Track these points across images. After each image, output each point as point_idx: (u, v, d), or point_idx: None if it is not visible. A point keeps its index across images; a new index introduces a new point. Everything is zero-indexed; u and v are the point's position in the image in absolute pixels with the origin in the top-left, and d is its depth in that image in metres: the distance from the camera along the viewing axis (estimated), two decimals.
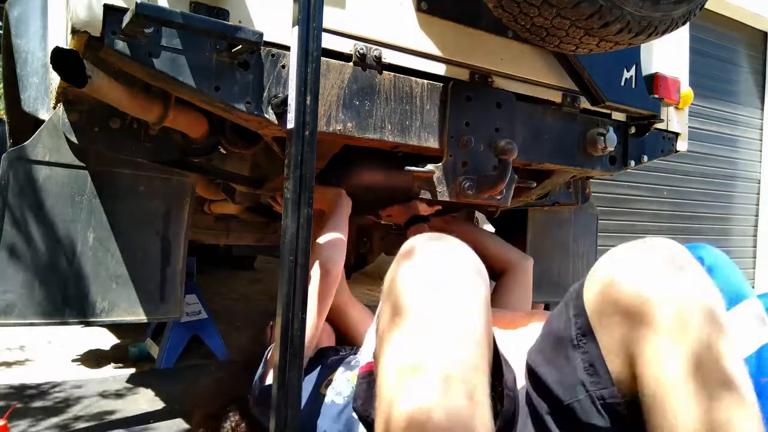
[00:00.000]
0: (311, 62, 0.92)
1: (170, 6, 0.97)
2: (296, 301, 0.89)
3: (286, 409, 0.88)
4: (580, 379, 0.71)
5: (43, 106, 1.34)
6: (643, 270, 0.67)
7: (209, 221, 2.29)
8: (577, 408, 0.70)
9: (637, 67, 1.52)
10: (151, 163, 1.29)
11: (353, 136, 1.19)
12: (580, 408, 0.70)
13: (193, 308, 2.31)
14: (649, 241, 0.71)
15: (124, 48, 0.95)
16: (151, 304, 1.28)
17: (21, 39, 1.41)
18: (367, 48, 1.20)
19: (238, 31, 0.96)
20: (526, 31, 1.20)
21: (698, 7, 1.16)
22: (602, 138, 1.50)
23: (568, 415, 0.72)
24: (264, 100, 1.08)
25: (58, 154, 1.19)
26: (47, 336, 2.54)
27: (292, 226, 0.90)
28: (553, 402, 0.75)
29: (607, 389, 0.68)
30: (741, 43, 5.55)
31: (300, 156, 0.91)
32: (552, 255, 1.94)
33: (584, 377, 0.70)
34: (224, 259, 5.08)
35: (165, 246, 1.31)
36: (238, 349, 2.34)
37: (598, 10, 1.05)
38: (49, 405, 1.73)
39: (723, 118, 5.46)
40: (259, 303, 3.80)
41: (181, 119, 1.21)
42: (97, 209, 1.23)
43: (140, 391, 1.90)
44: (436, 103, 1.29)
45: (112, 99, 1.09)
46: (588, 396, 0.70)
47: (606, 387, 0.68)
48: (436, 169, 1.29)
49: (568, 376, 0.72)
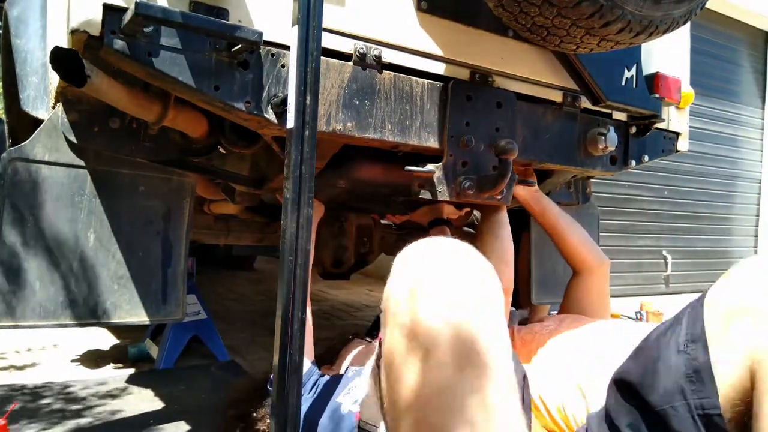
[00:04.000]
0: (311, 62, 0.92)
1: (170, 5, 0.97)
2: (296, 301, 0.89)
3: (286, 410, 0.88)
4: (679, 386, 0.67)
5: (43, 106, 1.34)
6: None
7: (209, 221, 2.29)
8: (671, 415, 0.67)
9: (637, 66, 1.52)
10: (151, 162, 1.29)
11: (353, 136, 1.19)
12: (675, 415, 0.66)
13: (192, 308, 2.30)
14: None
15: (124, 47, 0.94)
16: (152, 305, 1.28)
17: (20, 38, 1.41)
18: (367, 47, 1.20)
19: (238, 31, 0.96)
20: (527, 31, 1.20)
21: (699, 6, 1.16)
22: (603, 138, 1.50)
23: (656, 422, 0.68)
24: (264, 99, 1.08)
25: (58, 154, 1.19)
26: (54, 339, 2.54)
27: (292, 226, 0.89)
28: (642, 409, 0.71)
29: (709, 399, 0.64)
30: (742, 42, 5.55)
31: (300, 156, 0.91)
32: (554, 255, 1.93)
33: (685, 384, 0.67)
34: (224, 259, 5.09)
35: (166, 246, 1.31)
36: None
37: (599, 10, 1.05)
38: (49, 405, 1.73)
39: (724, 117, 5.46)
40: (259, 303, 3.80)
41: (180, 119, 1.21)
42: (97, 209, 1.23)
43: (140, 392, 1.89)
44: (436, 103, 1.29)
45: (112, 98, 1.09)
46: (686, 403, 0.66)
47: (708, 397, 0.65)
48: (436, 168, 1.28)
49: (666, 380, 0.69)
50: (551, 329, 1.40)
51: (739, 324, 0.65)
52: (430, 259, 0.65)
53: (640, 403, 0.72)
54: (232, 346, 2.51)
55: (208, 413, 1.71)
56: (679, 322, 0.73)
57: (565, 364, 1.26)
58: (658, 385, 0.70)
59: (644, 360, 0.75)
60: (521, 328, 1.50)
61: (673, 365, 0.69)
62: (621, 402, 0.75)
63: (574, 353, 1.26)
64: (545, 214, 1.64)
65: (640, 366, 0.75)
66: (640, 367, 0.74)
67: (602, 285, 1.62)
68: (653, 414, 0.69)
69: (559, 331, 1.37)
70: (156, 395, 1.86)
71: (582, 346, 1.27)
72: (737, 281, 0.68)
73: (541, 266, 1.95)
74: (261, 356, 2.44)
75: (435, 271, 0.63)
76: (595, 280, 1.61)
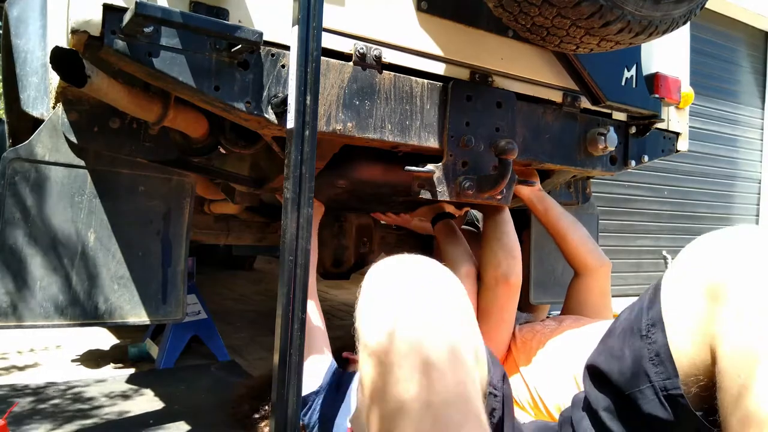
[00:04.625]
0: (311, 62, 0.92)
1: (170, 5, 0.97)
2: (296, 301, 0.89)
3: (286, 410, 0.88)
4: (644, 369, 0.69)
5: (43, 106, 1.34)
6: (728, 250, 0.64)
7: (209, 221, 2.29)
8: (639, 398, 0.69)
9: (637, 66, 1.52)
10: (151, 163, 1.29)
11: (353, 136, 1.19)
12: (642, 398, 0.69)
13: (192, 308, 2.30)
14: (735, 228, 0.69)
15: (124, 47, 0.94)
16: (152, 305, 1.28)
17: (20, 38, 1.41)
18: (367, 47, 1.20)
19: (238, 31, 0.96)
20: (527, 31, 1.20)
21: (699, 6, 1.16)
22: (603, 138, 1.50)
23: (628, 406, 0.71)
24: (264, 99, 1.08)
25: (58, 154, 1.19)
26: (56, 339, 2.54)
27: (292, 226, 0.90)
28: (613, 394, 0.74)
29: (671, 380, 0.67)
30: (742, 42, 5.55)
31: (300, 156, 0.91)
32: (554, 255, 1.94)
33: (649, 367, 0.69)
34: (224, 259, 5.09)
35: (166, 246, 1.31)
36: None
37: (598, 10, 1.05)
38: (49, 405, 1.73)
39: (724, 117, 5.46)
40: (259, 303, 3.80)
41: (180, 119, 1.21)
42: (97, 209, 1.23)
43: (140, 392, 1.89)
44: (436, 103, 1.29)
45: (112, 99, 1.09)
46: (651, 386, 0.68)
47: (670, 377, 0.67)
48: (436, 168, 1.28)
49: (633, 365, 0.71)
50: (552, 328, 1.40)
51: (694, 304, 0.66)
52: (375, 278, 0.70)
53: (612, 388, 0.74)
54: (232, 346, 2.51)
55: (208, 413, 1.71)
56: (641, 306, 0.75)
57: (564, 362, 1.26)
58: (625, 371, 0.72)
59: (611, 346, 0.77)
60: (522, 327, 1.50)
61: (636, 350, 0.72)
62: (595, 388, 0.78)
63: (573, 352, 1.26)
64: (548, 214, 1.64)
65: (608, 352, 0.77)
66: (608, 354, 0.77)
67: (604, 286, 1.62)
68: (624, 398, 0.72)
69: (559, 331, 1.37)
70: (156, 395, 1.86)
71: (581, 345, 1.28)
72: (687, 262, 0.69)
73: (540, 266, 1.95)
74: (261, 356, 2.44)
75: (378, 288, 0.68)
76: (597, 281, 1.61)
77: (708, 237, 0.69)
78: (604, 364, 0.76)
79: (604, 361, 0.76)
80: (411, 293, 0.65)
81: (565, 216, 1.65)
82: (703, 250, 0.68)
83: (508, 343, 1.47)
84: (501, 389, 0.78)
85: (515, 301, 1.46)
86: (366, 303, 0.68)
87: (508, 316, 1.45)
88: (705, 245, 0.68)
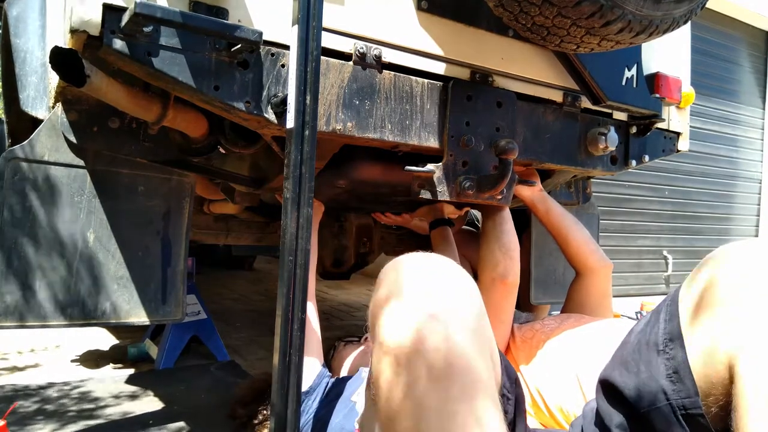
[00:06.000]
0: (311, 61, 0.91)
1: (170, 5, 0.97)
2: (296, 301, 0.89)
3: (286, 410, 0.87)
4: (661, 387, 0.66)
5: (42, 106, 1.34)
6: (752, 264, 0.62)
7: (209, 221, 2.29)
8: (655, 417, 0.66)
9: (638, 66, 1.52)
10: (151, 162, 1.29)
11: (353, 136, 1.18)
12: (659, 417, 0.66)
13: (192, 308, 2.30)
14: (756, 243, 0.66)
15: (123, 47, 0.94)
16: (152, 305, 1.28)
17: (20, 38, 1.41)
18: (367, 47, 1.20)
19: (238, 30, 0.95)
20: (527, 30, 1.20)
21: (699, 6, 1.16)
22: (603, 137, 1.50)
23: (643, 424, 0.68)
24: (263, 99, 1.08)
25: (57, 154, 1.19)
26: (55, 339, 2.54)
27: (292, 226, 0.89)
28: (627, 411, 0.71)
29: (690, 399, 0.64)
30: (742, 42, 5.55)
31: (300, 156, 0.91)
32: (555, 255, 1.93)
33: (666, 384, 0.66)
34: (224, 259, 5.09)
35: (165, 246, 1.31)
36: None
37: (599, 9, 1.05)
38: (49, 405, 1.72)
39: (724, 117, 5.46)
40: (259, 303, 3.80)
41: (180, 119, 1.21)
42: (97, 209, 1.22)
43: (139, 392, 1.89)
44: (436, 103, 1.29)
45: (111, 98, 1.09)
46: (669, 404, 0.65)
47: (689, 396, 0.64)
48: (436, 168, 1.28)
49: (648, 382, 0.68)
50: (552, 327, 1.40)
51: (713, 319, 0.63)
52: (401, 275, 0.66)
53: (626, 404, 0.71)
54: (232, 346, 2.51)
55: (207, 413, 1.71)
56: (657, 318, 0.72)
57: (564, 361, 1.26)
58: (641, 387, 0.69)
59: (626, 360, 0.74)
60: (522, 326, 1.50)
61: (653, 366, 0.69)
62: (608, 404, 0.75)
63: (574, 351, 1.26)
64: (549, 214, 1.64)
65: (622, 367, 0.74)
66: (623, 368, 0.74)
67: (605, 287, 1.62)
68: (638, 415, 0.69)
69: (559, 330, 1.37)
70: (156, 395, 1.86)
71: (581, 344, 1.28)
72: (707, 274, 0.66)
73: (540, 266, 1.95)
74: (261, 356, 2.44)
75: (403, 286, 0.64)
76: (598, 281, 1.61)
77: (729, 251, 0.66)
78: (618, 378, 0.73)
79: (618, 375, 0.73)
80: (438, 294, 0.62)
81: (566, 216, 1.65)
82: (725, 263, 0.65)
83: (506, 343, 1.46)
84: (513, 392, 0.77)
85: (512, 302, 1.46)
86: (388, 299, 0.64)
87: (505, 316, 1.45)
88: (727, 258, 0.65)
